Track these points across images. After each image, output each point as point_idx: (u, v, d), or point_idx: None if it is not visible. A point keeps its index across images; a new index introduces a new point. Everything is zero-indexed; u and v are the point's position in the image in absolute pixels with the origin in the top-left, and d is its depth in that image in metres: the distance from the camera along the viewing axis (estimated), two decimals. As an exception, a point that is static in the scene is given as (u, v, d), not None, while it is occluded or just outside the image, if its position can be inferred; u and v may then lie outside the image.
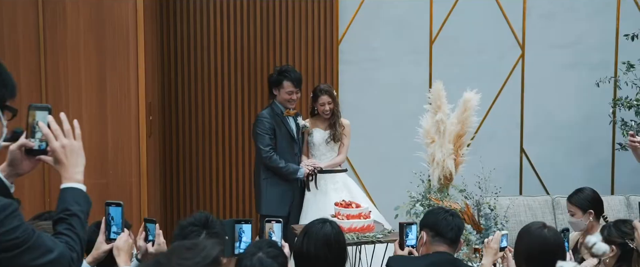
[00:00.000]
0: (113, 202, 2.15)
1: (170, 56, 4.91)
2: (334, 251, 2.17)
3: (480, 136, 5.33)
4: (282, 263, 1.90)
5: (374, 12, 5.10)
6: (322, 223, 2.22)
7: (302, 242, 2.18)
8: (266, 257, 1.87)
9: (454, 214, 2.50)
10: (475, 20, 5.20)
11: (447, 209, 2.55)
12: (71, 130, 1.58)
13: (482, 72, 5.26)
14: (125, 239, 2.10)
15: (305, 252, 2.16)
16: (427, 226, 2.48)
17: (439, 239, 2.43)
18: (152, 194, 4.33)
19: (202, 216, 2.08)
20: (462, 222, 2.51)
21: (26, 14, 3.61)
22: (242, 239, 2.26)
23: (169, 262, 0.95)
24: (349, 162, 5.19)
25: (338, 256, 2.19)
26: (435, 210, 2.56)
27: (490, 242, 2.49)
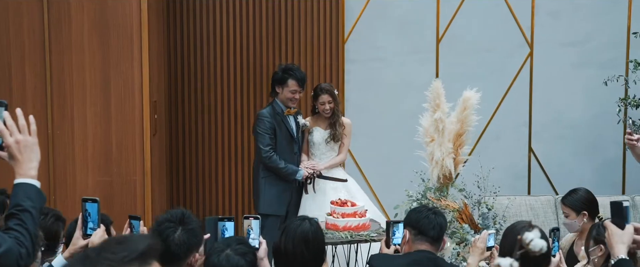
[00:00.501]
0: (89, 198, 2.19)
1: (176, 55, 4.97)
2: (312, 248, 2.18)
3: (488, 135, 5.33)
4: (250, 261, 1.91)
5: (380, 11, 5.12)
6: (301, 220, 2.24)
7: (280, 240, 2.21)
8: (234, 254, 1.88)
9: (437, 212, 2.51)
10: (482, 18, 5.20)
11: (431, 207, 2.56)
12: (26, 126, 1.61)
13: (489, 71, 5.26)
14: (101, 235, 2.13)
15: (283, 249, 2.19)
16: (410, 225, 2.50)
17: (421, 238, 2.44)
18: (157, 192, 4.39)
19: (178, 212, 2.10)
20: (445, 220, 2.52)
21: (31, 14, 3.69)
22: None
23: (97, 255, 0.96)
24: (353, 161, 5.22)
25: (316, 254, 2.21)
26: (418, 208, 2.56)
27: (477, 241, 2.49)
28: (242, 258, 1.89)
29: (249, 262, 1.90)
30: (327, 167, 3.98)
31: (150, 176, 3.99)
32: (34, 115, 4.03)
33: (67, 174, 3.83)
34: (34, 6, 3.69)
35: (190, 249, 1.99)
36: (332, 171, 4.00)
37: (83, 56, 3.80)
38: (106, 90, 3.84)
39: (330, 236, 3.24)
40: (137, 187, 3.94)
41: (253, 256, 1.95)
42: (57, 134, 3.80)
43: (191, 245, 1.99)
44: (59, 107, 3.78)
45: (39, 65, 3.74)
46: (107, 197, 3.91)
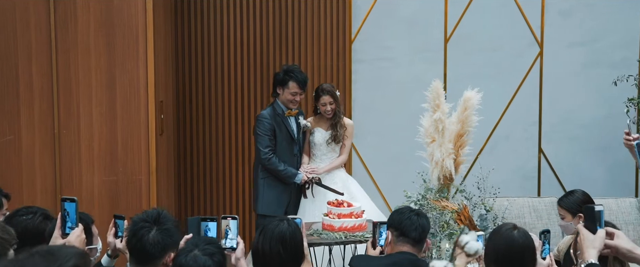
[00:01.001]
0: (68, 198, 2.22)
1: (184, 55, 5.02)
2: (288, 248, 2.19)
3: (497, 135, 5.32)
4: (218, 261, 1.90)
5: (388, 10, 5.13)
6: (278, 221, 2.25)
7: (258, 240, 2.22)
8: (202, 254, 1.88)
9: (420, 213, 2.51)
10: (491, 17, 5.19)
11: (413, 208, 2.56)
12: None
13: (498, 71, 5.24)
14: (78, 235, 2.15)
15: (260, 249, 2.20)
16: (392, 226, 2.50)
17: (403, 239, 2.45)
18: (165, 192, 4.44)
19: (154, 212, 2.12)
20: (428, 222, 2.51)
21: (38, 13, 3.76)
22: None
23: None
24: (360, 161, 5.24)
25: (293, 254, 2.22)
26: (401, 209, 2.57)
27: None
28: (210, 258, 1.88)
29: (217, 263, 1.89)
30: (328, 169, 4.00)
31: (156, 176, 4.04)
32: (41, 114, 4.12)
33: (73, 173, 3.90)
34: (40, 6, 3.75)
35: (165, 249, 1.99)
36: (334, 171, 4.01)
37: (89, 56, 3.86)
38: (112, 90, 3.90)
39: (325, 237, 3.25)
40: (143, 186, 3.99)
41: (221, 256, 1.94)
42: (63, 133, 3.86)
43: (166, 245, 2.00)
44: (65, 106, 3.85)
45: (45, 65, 3.80)
46: (112, 197, 3.97)
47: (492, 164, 5.26)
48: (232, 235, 2.30)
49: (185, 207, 5.18)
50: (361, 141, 5.23)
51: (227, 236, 2.31)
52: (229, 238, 2.31)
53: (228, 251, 2.31)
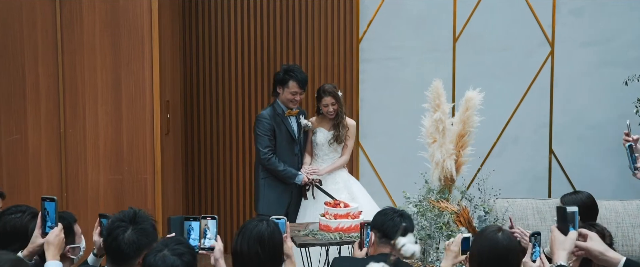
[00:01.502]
0: (48, 197, 2.24)
1: (191, 55, 5.07)
2: (267, 249, 2.20)
3: (506, 136, 5.30)
4: (188, 261, 1.89)
5: (396, 9, 5.13)
6: (258, 221, 2.26)
7: (237, 240, 2.22)
8: (171, 254, 1.88)
9: (404, 215, 2.50)
10: (501, 16, 5.17)
11: (397, 209, 2.56)
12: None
13: (508, 71, 5.23)
14: (56, 234, 2.18)
15: (239, 249, 2.21)
16: (376, 227, 2.50)
17: (386, 241, 2.44)
18: (171, 191, 4.50)
19: (130, 211, 2.14)
20: (412, 224, 2.50)
21: (44, 14, 3.83)
22: (191, 236, 2.33)
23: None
24: (368, 161, 5.25)
25: (271, 255, 2.22)
26: (384, 211, 2.56)
27: (451, 244, 2.46)
28: (179, 258, 1.89)
29: (186, 263, 1.89)
30: (330, 170, 4.00)
31: (161, 175, 4.10)
32: (47, 114, 4.21)
33: (79, 172, 3.97)
34: (46, 7, 3.83)
35: (140, 248, 2.01)
36: (335, 172, 4.02)
37: (95, 56, 3.92)
38: (117, 90, 3.96)
39: (320, 238, 3.27)
40: (148, 185, 4.05)
41: (191, 256, 1.93)
42: (69, 133, 3.93)
43: (141, 245, 2.02)
44: (71, 106, 3.92)
45: (51, 65, 3.88)
46: (118, 196, 4.03)
47: (502, 165, 5.27)
48: (210, 235, 2.32)
49: (192, 207, 5.24)
50: (368, 141, 5.24)
51: (205, 235, 2.32)
52: (208, 238, 2.33)
53: (206, 251, 2.33)
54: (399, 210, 2.55)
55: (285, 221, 2.41)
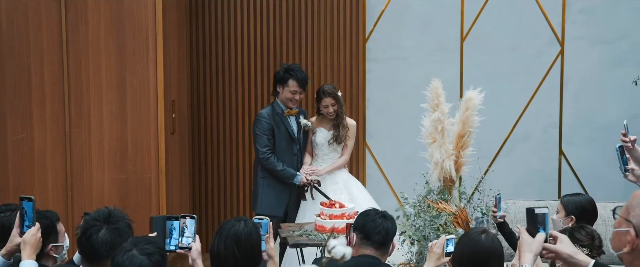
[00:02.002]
0: (25, 197, 2.27)
1: (198, 55, 5.13)
2: (243, 249, 2.19)
3: (515, 136, 5.30)
4: (156, 261, 1.88)
5: (403, 9, 5.15)
6: (235, 221, 2.26)
7: (214, 240, 2.23)
8: (139, 254, 1.87)
9: (386, 216, 2.50)
10: (509, 15, 5.17)
11: (380, 211, 2.55)
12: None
13: (517, 71, 5.22)
14: (33, 233, 2.21)
15: (216, 250, 2.21)
16: (357, 228, 2.50)
17: (366, 242, 2.44)
18: (177, 190, 4.57)
19: (105, 211, 2.15)
20: (394, 225, 2.49)
21: (50, 15, 3.92)
22: (173, 236, 2.33)
23: None
24: (375, 161, 5.27)
25: (248, 255, 2.21)
26: (367, 211, 2.56)
27: (434, 246, 2.45)
28: (147, 258, 1.87)
29: (154, 263, 1.88)
30: (330, 170, 4.02)
31: (165, 174, 4.16)
32: (52, 114, 4.30)
33: (84, 171, 4.05)
34: (52, 8, 3.92)
35: (114, 247, 2.01)
36: (335, 172, 4.04)
37: (99, 56, 4.00)
38: (122, 90, 4.04)
39: (313, 238, 3.30)
40: (152, 185, 4.12)
41: (160, 256, 1.91)
42: (74, 133, 4.02)
43: (115, 244, 2.03)
44: (76, 106, 4.00)
45: (56, 66, 3.97)
46: (122, 195, 4.11)
47: (510, 165, 5.27)
48: (188, 234, 2.32)
49: (199, 206, 5.30)
50: (375, 141, 5.27)
51: (183, 234, 2.33)
52: (186, 236, 2.33)
53: (184, 250, 2.33)
54: (382, 211, 2.55)
55: (267, 221, 2.43)
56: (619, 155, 2.97)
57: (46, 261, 2.36)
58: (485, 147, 5.29)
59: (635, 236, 1.43)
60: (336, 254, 1.28)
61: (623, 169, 3.01)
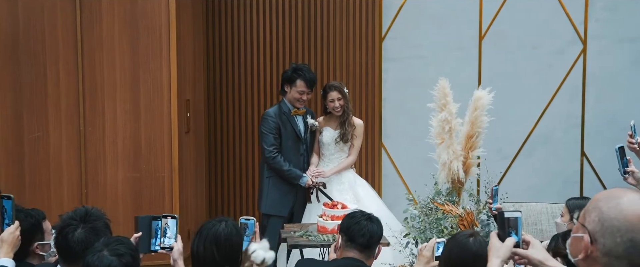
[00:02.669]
0: (5, 195, 2.32)
1: (215, 54, 5.22)
2: (222, 250, 2.19)
3: (535, 136, 5.28)
4: (126, 262, 1.89)
5: (419, 7, 5.17)
6: (217, 222, 2.26)
7: (194, 240, 2.24)
8: (109, 254, 1.88)
9: (373, 219, 2.49)
10: (530, 13, 5.15)
11: (367, 213, 2.56)
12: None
13: (537, 69, 5.21)
14: (11, 232, 2.26)
15: (195, 250, 2.22)
16: (342, 230, 2.50)
17: (350, 245, 2.44)
18: (191, 189, 4.66)
19: (82, 210, 2.18)
20: (380, 228, 2.49)
21: (65, 14, 4.05)
22: (157, 236, 2.37)
23: None
24: (391, 162, 5.30)
25: (227, 256, 2.20)
26: (353, 213, 2.56)
27: (424, 249, 2.44)
28: (118, 259, 1.88)
29: (125, 264, 1.89)
30: (336, 171, 4.04)
31: (179, 173, 4.26)
32: (67, 113, 4.42)
33: (98, 169, 4.17)
34: (67, 7, 4.05)
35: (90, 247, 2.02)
36: (342, 172, 4.06)
37: (113, 55, 4.12)
38: (135, 89, 4.15)
39: (313, 239, 3.33)
40: (166, 183, 4.22)
41: (131, 257, 1.92)
42: (89, 131, 4.14)
43: (91, 243, 2.04)
44: (91, 105, 4.13)
45: (71, 65, 4.09)
46: (136, 193, 4.22)
47: (531, 166, 5.25)
48: (170, 234, 2.35)
49: (215, 206, 5.38)
50: (391, 141, 5.29)
51: (165, 235, 2.35)
52: (168, 237, 2.36)
53: (166, 250, 2.36)
54: (368, 213, 2.55)
55: (254, 221, 2.44)
56: (619, 156, 2.96)
57: (32, 259, 2.40)
58: (506, 148, 5.29)
59: (590, 242, 1.41)
60: (256, 259, 1.27)
61: (622, 171, 2.99)
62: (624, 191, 1.42)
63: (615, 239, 1.37)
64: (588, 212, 1.43)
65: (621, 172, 3.00)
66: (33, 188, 4.12)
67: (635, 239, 1.36)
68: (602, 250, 1.39)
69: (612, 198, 1.41)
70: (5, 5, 4.01)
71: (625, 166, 2.99)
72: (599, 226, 1.39)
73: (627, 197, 1.40)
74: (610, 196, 1.42)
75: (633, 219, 1.37)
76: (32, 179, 4.12)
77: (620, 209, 1.38)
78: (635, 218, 1.37)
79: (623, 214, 1.37)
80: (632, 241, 1.37)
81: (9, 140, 4.08)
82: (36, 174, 4.13)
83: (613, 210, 1.38)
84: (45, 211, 4.12)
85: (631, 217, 1.37)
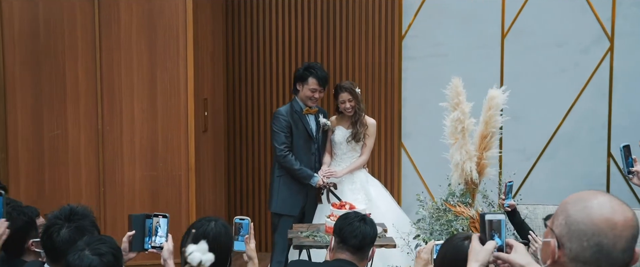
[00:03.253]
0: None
1: (234, 54, 5.33)
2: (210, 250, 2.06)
3: (559, 137, 5.25)
4: (108, 262, 1.90)
5: (440, 4, 5.19)
6: (206, 221, 2.29)
7: (183, 240, 2.23)
8: (90, 254, 1.90)
9: (366, 220, 2.49)
10: (554, 9, 5.13)
11: (360, 214, 2.55)
12: None
13: (561, 68, 5.18)
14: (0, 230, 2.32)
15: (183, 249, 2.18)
16: (335, 231, 2.50)
17: (342, 246, 2.45)
18: (209, 188, 4.77)
19: (66, 209, 2.21)
20: (374, 230, 2.49)
21: (84, 15, 4.20)
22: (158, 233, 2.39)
23: None
24: (411, 162, 5.33)
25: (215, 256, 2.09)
26: (347, 214, 2.56)
27: (421, 252, 2.42)
28: (99, 258, 1.90)
29: (105, 263, 1.90)
30: (348, 171, 4.07)
31: (195, 172, 4.37)
32: (86, 112, 4.57)
33: (116, 167, 4.31)
34: (86, 8, 4.19)
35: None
36: (354, 172, 4.08)
37: (131, 55, 4.25)
38: (153, 88, 4.27)
39: (318, 240, 3.36)
40: (182, 182, 4.34)
41: (113, 256, 1.93)
42: (107, 130, 4.28)
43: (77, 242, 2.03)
44: (109, 104, 4.27)
45: (90, 64, 4.24)
46: (153, 191, 4.34)
47: (554, 168, 5.22)
48: (161, 233, 2.38)
49: (234, 205, 5.48)
50: (411, 141, 5.33)
51: (156, 233, 2.39)
52: (159, 236, 2.39)
53: (157, 250, 2.39)
54: (362, 214, 2.56)
55: (248, 221, 2.48)
56: (623, 155, 2.94)
57: (27, 256, 2.46)
58: (529, 148, 5.27)
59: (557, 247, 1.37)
60: (192, 261, 1.25)
61: (626, 171, 2.96)
62: (595, 193, 1.38)
63: (582, 243, 1.33)
64: (556, 215, 1.39)
65: (624, 172, 2.97)
66: (52, 185, 4.28)
67: (602, 243, 1.32)
68: (569, 255, 1.35)
69: (580, 201, 1.37)
70: (27, 6, 4.17)
71: (630, 165, 2.96)
72: (565, 230, 1.35)
73: (596, 200, 1.35)
74: (579, 199, 1.38)
75: (600, 223, 1.33)
76: (52, 176, 4.28)
77: (587, 212, 1.34)
78: (603, 222, 1.32)
79: (590, 217, 1.33)
80: (599, 245, 1.32)
81: (30, 138, 4.25)
82: (55, 172, 4.29)
83: (580, 213, 1.34)
84: (64, 208, 4.29)
85: (598, 220, 1.32)
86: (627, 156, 2.95)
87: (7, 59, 4.18)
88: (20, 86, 4.21)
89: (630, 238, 1.34)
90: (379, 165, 5.31)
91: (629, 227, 1.34)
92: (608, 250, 1.33)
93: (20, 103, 4.22)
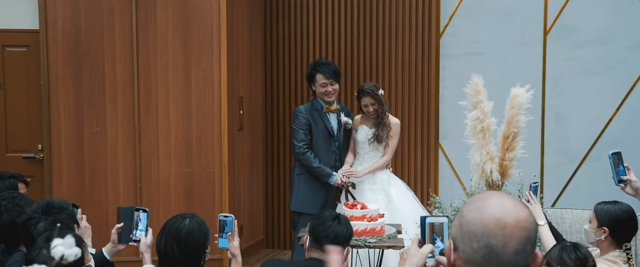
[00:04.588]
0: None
1: (272, 52, 5.58)
2: (182, 247, 2.29)
3: (606, 139, 5.27)
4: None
5: (479, 1, 5.30)
6: (181, 218, 2.36)
7: (158, 236, 2.35)
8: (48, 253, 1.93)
9: (341, 220, 2.55)
10: (600, 5, 5.15)
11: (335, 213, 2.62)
12: None
13: (607, 66, 5.20)
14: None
15: (158, 246, 2.33)
16: (309, 230, 2.58)
17: (315, 245, 2.51)
18: (244, 186, 5.06)
19: (43, 202, 2.30)
20: (348, 230, 2.55)
21: (122, 15, 4.56)
22: (138, 227, 2.58)
23: None
24: (449, 163, 5.46)
25: (187, 254, 2.29)
26: (322, 214, 2.62)
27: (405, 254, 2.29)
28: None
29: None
30: (370, 171, 4.17)
31: (228, 169, 4.67)
32: (123, 110, 4.97)
33: (152, 164, 4.66)
34: (124, 8, 4.56)
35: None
36: (376, 172, 4.18)
37: (167, 54, 4.59)
38: (187, 87, 4.60)
39: None
40: (216, 179, 4.65)
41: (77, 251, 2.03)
42: (143, 127, 4.64)
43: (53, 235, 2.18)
44: (145, 102, 4.62)
45: (127, 64, 4.60)
46: (187, 188, 4.67)
47: (599, 172, 5.24)
48: (141, 227, 2.54)
49: (271, 202, 5.72)
50: (448, 141, 5.45)
51: (137, 227, 2.55)
52: (139, 230, 2.54)
53: (136, 243, 2.56)
54: (336, 214, 2.62)
55: (232, 218, 2.60)
56: (613, 163, 2.90)
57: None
58: (573, 151, 5.32)
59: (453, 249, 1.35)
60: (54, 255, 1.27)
61: (616, 180, 2.87)
62: (492, 194, 1.37)
63: (472, 245, 1.31)
64: (455, 217, 1.38)
65: (615, 181, 2.87)
66: (92, 181, 4.66)
67: (491, 244, 1.30)
68: (463, 257, 1.33)
69: (474, 201, 1.36)
70: (69, 7, 4.57)
71: (622, 173, 2.88)
72: (459, 231, 1.34)
73: (491, 200, 1.33)
74: (474, 200, 1.37)
75: (489, 223, 1.30)
76: (92, 169, 4.67)
77: (478, 213, 1.32)
78: (492, 222, 1.30)
79: (480, 218, 1.31)
80: (489, 246, 1.30)
81: (71, 135, 4.65)
82: (95, 168, 4.67)
83: (471, 214, 1.33)
84: (102, 203, 4.69)
85: (487, 221, 1.30)
86: (618, 164, 2.89)
87: (51, 59, 4.60)
88: (62, 85, 4.61)
89: (523, 240, 1.30)
90: (415, 165, 5.47)
91: (521, 228, 1.30)
92: (498, 252, 1.30)
93: (63, 101, 4.62)
